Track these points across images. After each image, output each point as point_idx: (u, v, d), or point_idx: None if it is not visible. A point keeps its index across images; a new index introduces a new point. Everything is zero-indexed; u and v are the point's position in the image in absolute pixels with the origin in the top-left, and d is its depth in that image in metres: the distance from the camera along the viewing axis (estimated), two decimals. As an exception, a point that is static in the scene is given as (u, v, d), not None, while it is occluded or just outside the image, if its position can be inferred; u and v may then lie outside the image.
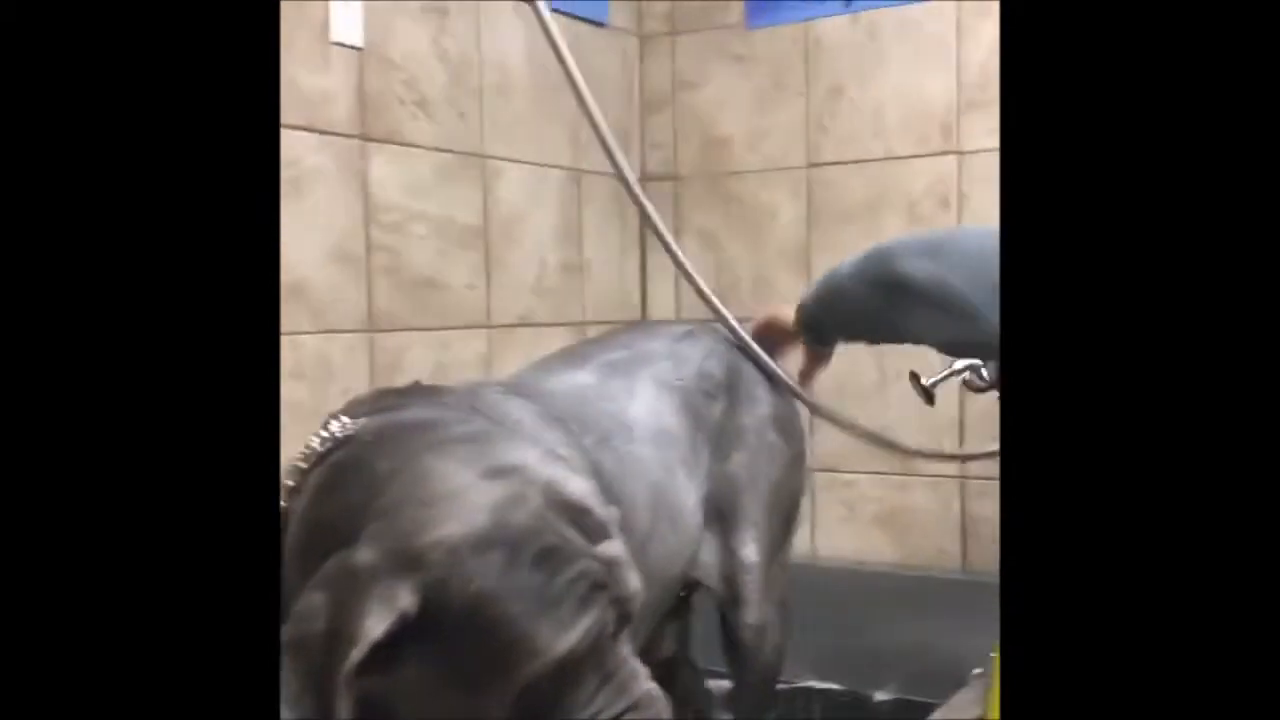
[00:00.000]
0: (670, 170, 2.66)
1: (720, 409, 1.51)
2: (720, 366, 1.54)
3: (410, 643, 0.85)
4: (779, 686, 1.69)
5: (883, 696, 2.32)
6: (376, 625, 0.83)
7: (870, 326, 1.54)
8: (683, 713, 1.83)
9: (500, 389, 1.25)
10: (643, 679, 0.94)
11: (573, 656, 0.88)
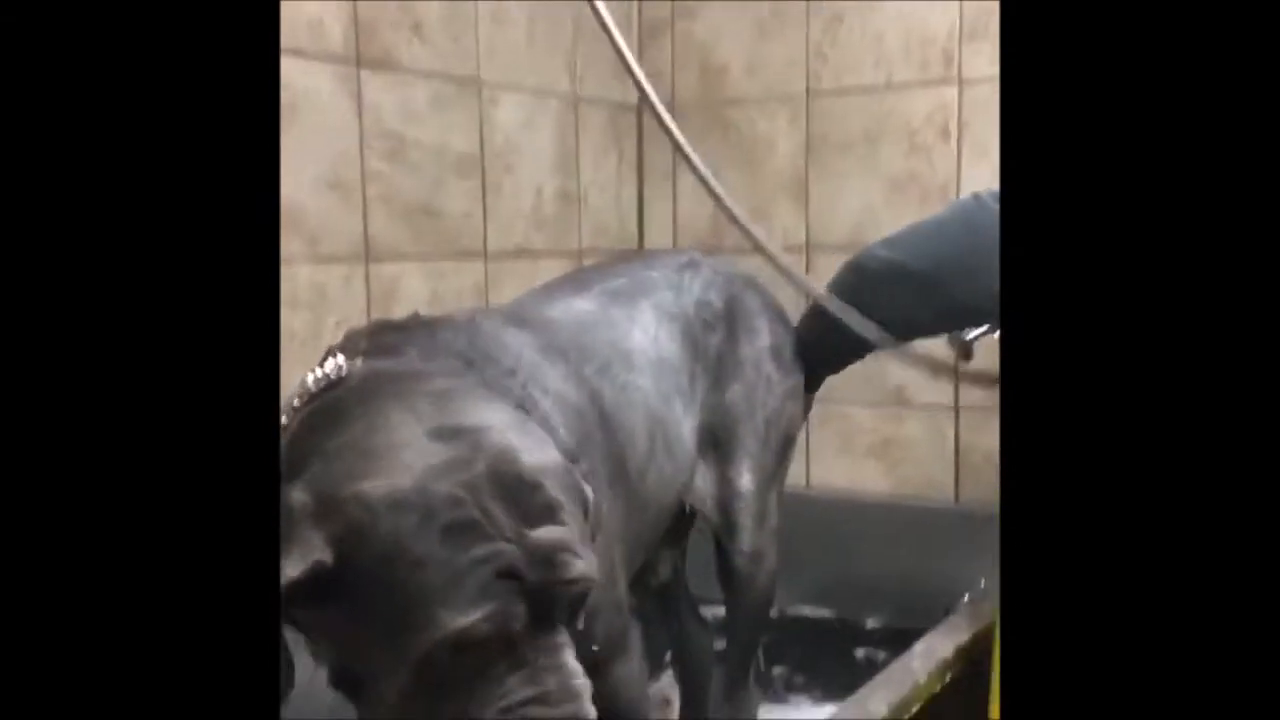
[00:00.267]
0: (668, 99, 2.63)
1: (719, 339, 1.52)
2: (720, 297, 1.55)
3: (327, 587, 0.86)
4: (771, 614, 1.71)
5: (874, 624, 2.36)
6: (293, 568, 0.84)
7: (850, 338, 1.62)
8: (678, 640, 1.86)
9: (501, 318, 1.24)
10: (566, 673, 0.88)
11: (471, 637, 0.85)
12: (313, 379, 1.04)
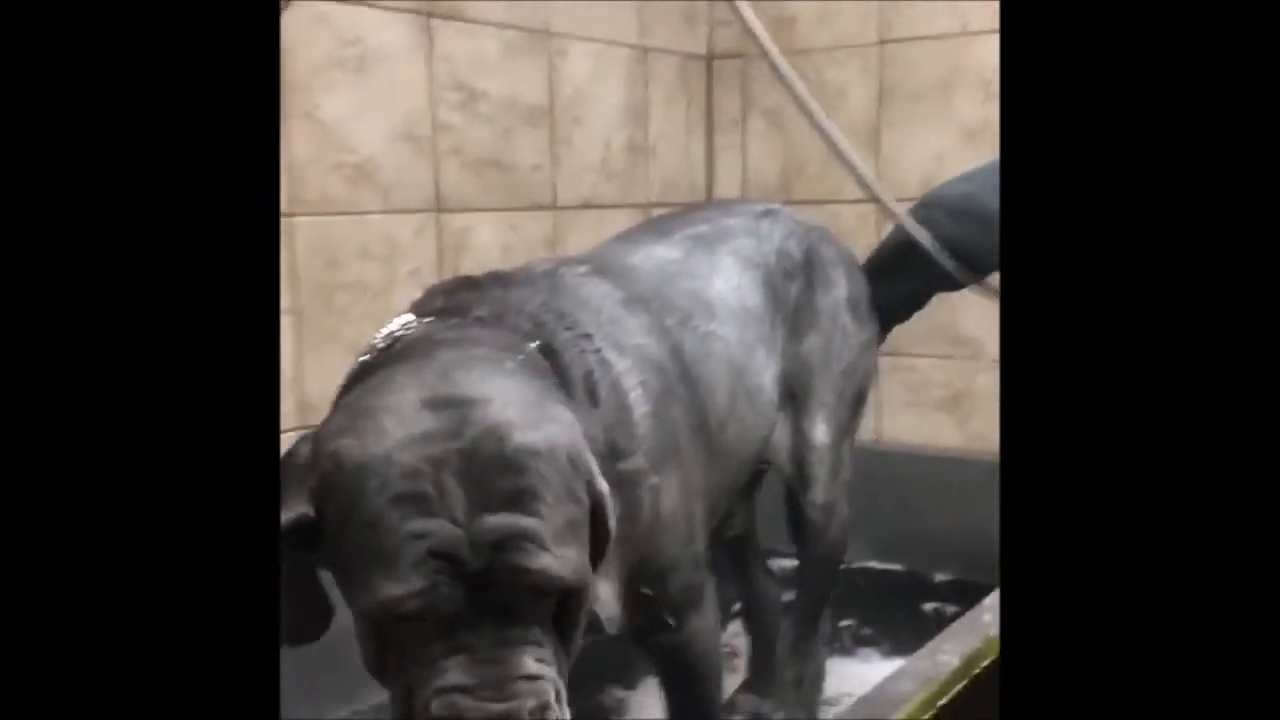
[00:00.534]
0: (738, 49, 2.60)
1: (797, 289, 1.51)
2: (799, 246, 1.54)
3: (310, 535, 0.89)
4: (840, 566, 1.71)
5: (943, 578, 2.35)
6: (284, 514, 0.88)
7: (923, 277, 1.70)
8: (747, 592, 1.87)
9: (584, 269, 1.24)
10: (510, 669, 0.85)
11: (401, 610, 0.85)
12: (380, 336, 1.06)
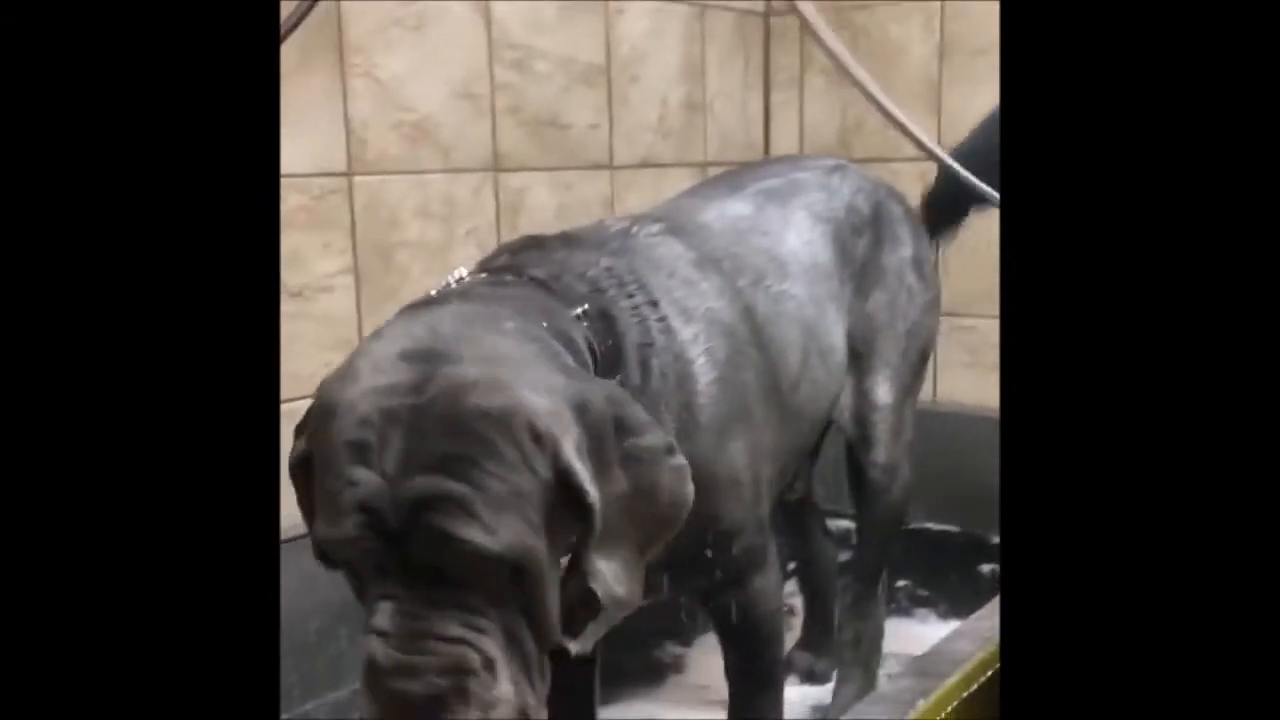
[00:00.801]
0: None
1: (865, 246, 1.50)
2: (868, 202, 1.53)
3: (309, 470, 0.92)
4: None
5: (999, 539, 2.33)
6: (293, 451, 0.94)
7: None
8: (804, 552, 1.87)
9: (657, 227, 1.23)
10: (419, 633, 0.86)
11: (334, 553, 0.87)
12: (434, 290, 1.06)
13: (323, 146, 1.80)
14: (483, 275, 1.08)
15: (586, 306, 1.05)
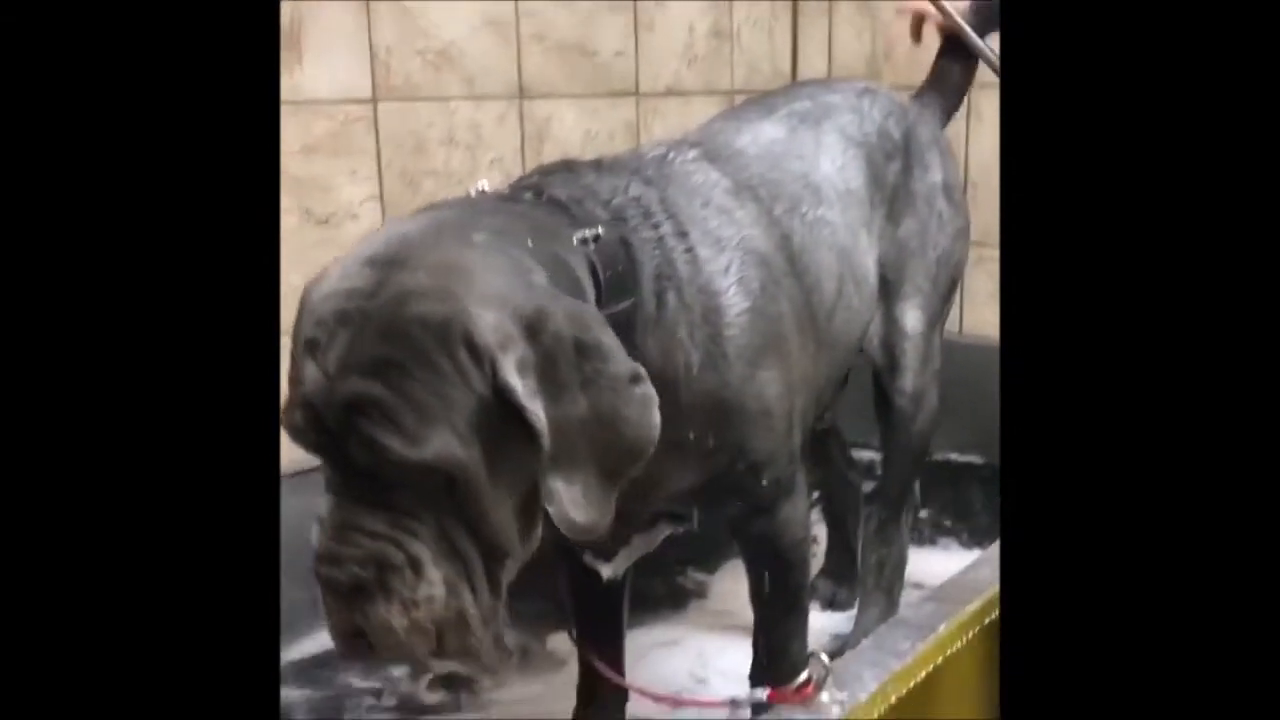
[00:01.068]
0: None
1: (896, 171, 1.49)
2: (899, 126, 1.51)
3: None
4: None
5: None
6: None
7: None
8: (828, 481, 1.88)
9: (695, 154, 1.22)
10: (355, 519, 0.89)
11: (294, 441, 0.91)
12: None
13: (348, 72, 1.79)
14: (496, 192, 1.08)
15: (599, 232, 1.03)
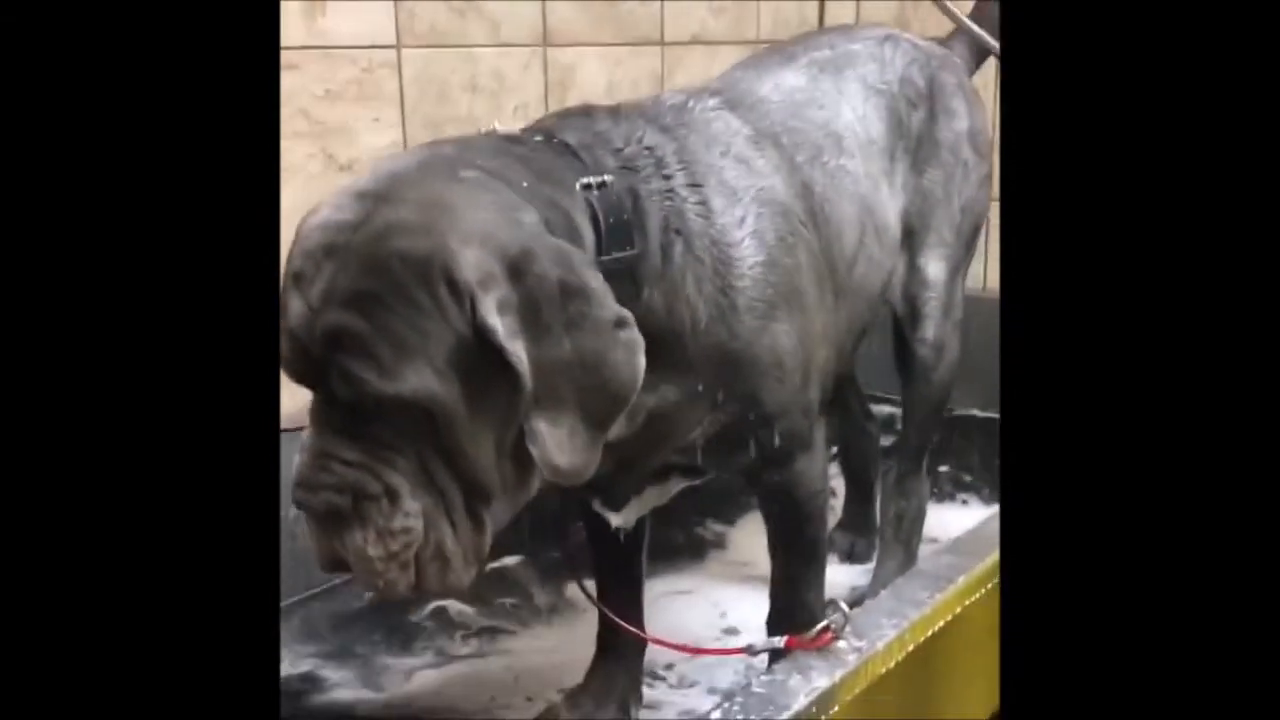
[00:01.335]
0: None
1: (920, 119, 1.47)
2: (922, 74, 1.49)
3: None
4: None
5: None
6: None
7: None
8: (846, 433, 1.88)
9: (715, 102, 1.21)
10: (330, 447, 0.90)
11: (285, 371, 0.92)
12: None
13: (372, 18, 1.78)
14: (505, 133, 1.07)
15: (605, 179, 1.02)
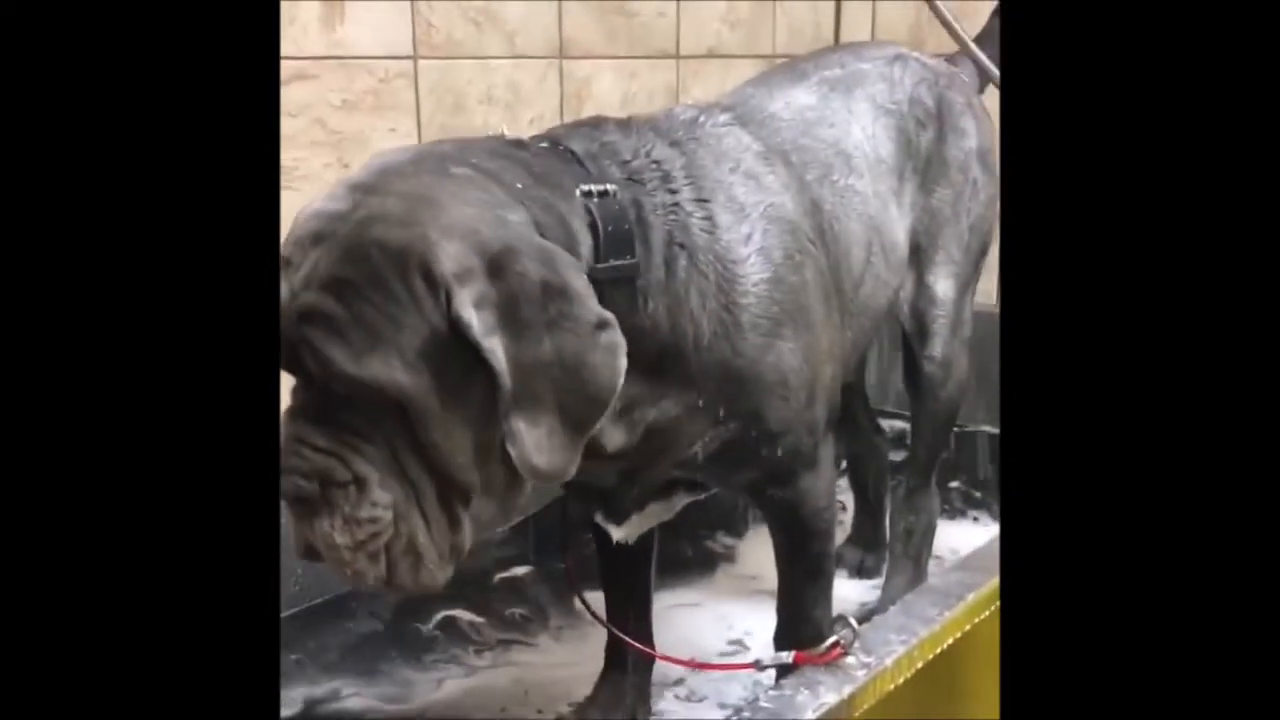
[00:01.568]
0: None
1: (929, 138, 1.48)
2: (931, 94, 1.50)
3: None
4: (953, 430, 1.70)
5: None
6: None
7: None
8: (855, 448, 1.88)
9: (726, 117, 1.22)
10: (303, 433, 0.92)
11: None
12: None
13: (389, 28, 1.79)
14: (514, 139, 1.07)
15: (607, 187, 1.03)
